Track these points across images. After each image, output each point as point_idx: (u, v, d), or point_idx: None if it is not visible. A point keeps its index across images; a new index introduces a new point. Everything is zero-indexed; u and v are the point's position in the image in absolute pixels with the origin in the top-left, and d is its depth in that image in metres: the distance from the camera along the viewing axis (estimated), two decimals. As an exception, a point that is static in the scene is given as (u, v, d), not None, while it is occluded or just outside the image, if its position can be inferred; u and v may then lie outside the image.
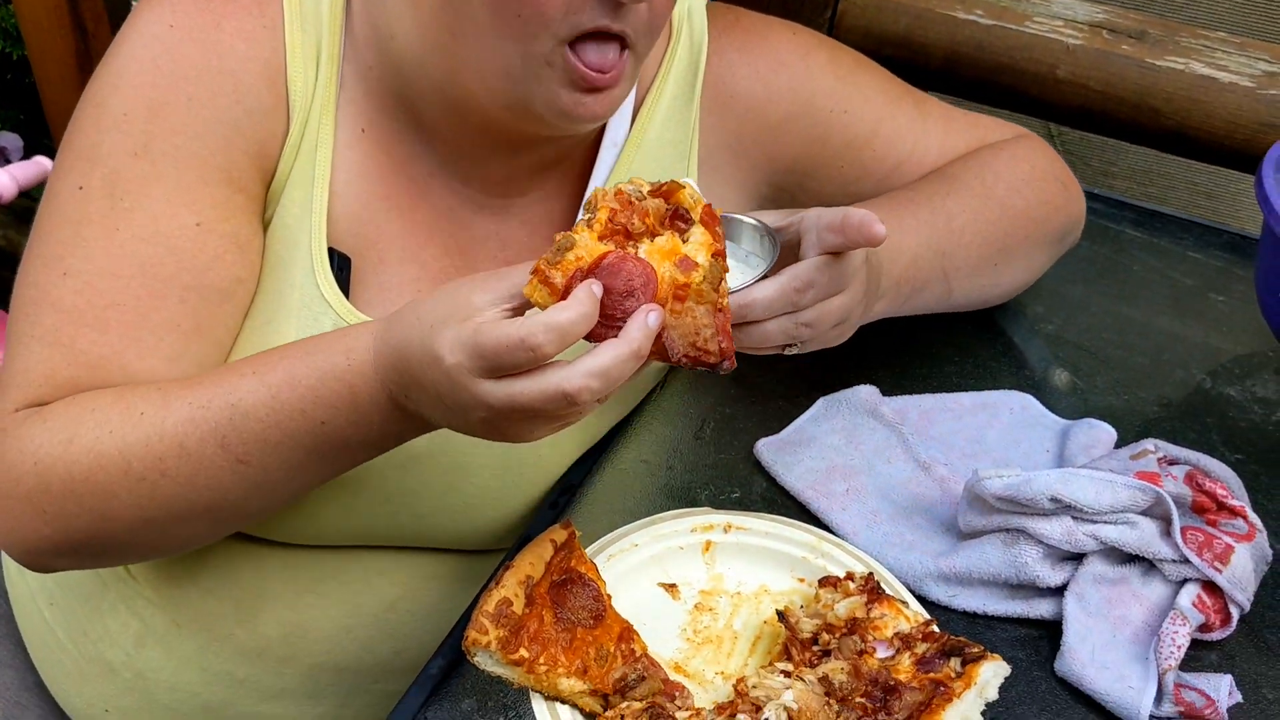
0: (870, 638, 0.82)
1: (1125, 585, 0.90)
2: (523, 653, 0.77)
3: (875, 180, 1.09)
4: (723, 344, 0.75)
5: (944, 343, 1.17)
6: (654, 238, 0.76)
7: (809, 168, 1.07)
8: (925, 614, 0.85)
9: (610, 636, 0.81)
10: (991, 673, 0.78)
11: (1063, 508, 0.88)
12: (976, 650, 0.79)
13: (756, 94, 1.04)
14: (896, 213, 1.02)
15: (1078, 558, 0.91)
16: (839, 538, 0.94)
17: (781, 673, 0.80)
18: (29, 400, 0.86)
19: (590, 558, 0.87)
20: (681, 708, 0.80)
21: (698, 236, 0.77)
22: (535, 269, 0.73)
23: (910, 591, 0.89)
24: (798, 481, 1.01)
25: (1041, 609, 0.91)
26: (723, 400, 1.11)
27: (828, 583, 0.87)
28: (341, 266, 0.92)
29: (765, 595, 0.90)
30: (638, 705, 0.78)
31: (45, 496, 0.83)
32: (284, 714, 1.05)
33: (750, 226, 0.90)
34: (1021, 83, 1.49)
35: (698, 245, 0.76)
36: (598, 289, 0.72)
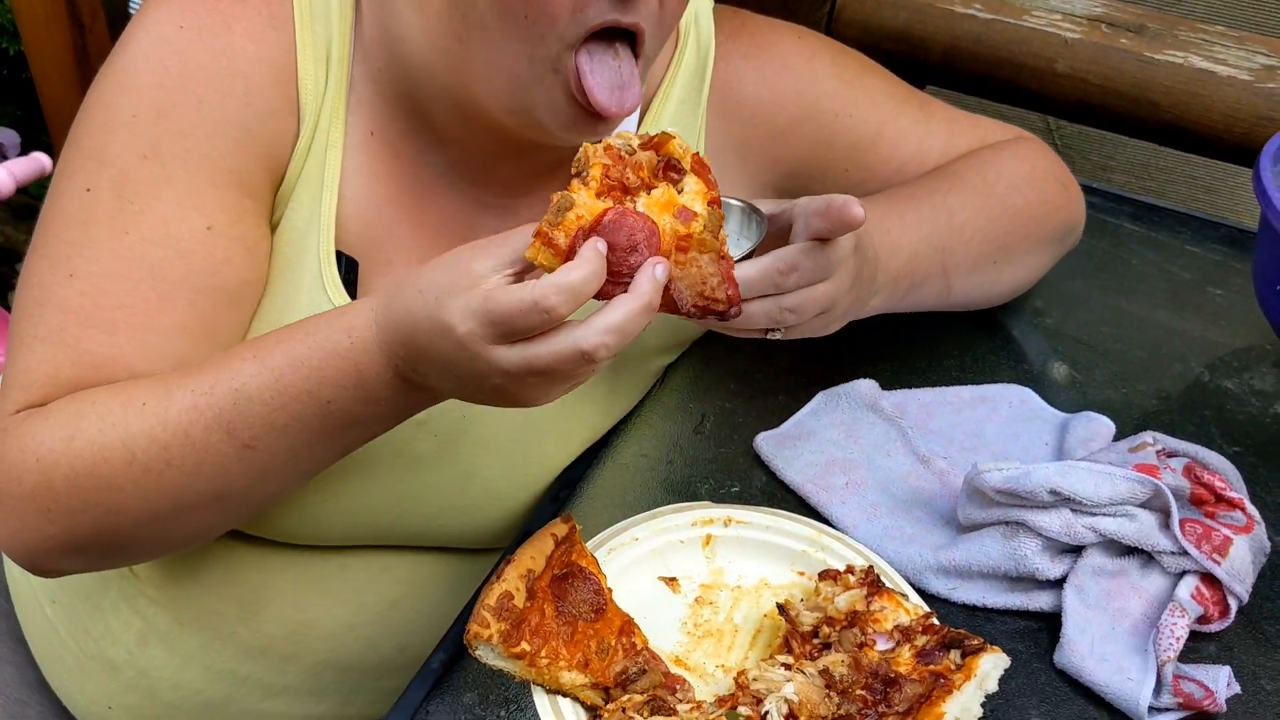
0: (870, 630, 0.82)
1: (1124, 577, 0.90)
2: (524, 646, 0.77)
3: (880, 182, 1.10)
4: (729, 291, 0.75)
5: (943, 337, 1.18)
6: (650, 191, 0.75)
7: (814, 170, 1.08)
8: (925, 607, 0.85)
9: (611, 630, 0.82)
10: (991, 665, 0.79)
11: (1062, 500, 0.89)
12: (976, 642, 0.79)
13: (763, 98, 1.04)
14: (897, 208, 1.02)
15: (1077, 550, 0.91)
16: (839, 531, 0.94)
17: (782, 665, 0.80)
18: (31, 400, 0.85)
19: (591, 552, 0.87)
20: (682, 700, 0.80)
21: (692, 185, 0.77)
22: (538, 231, 0.72)
23: (910, 584, 0.89)
24: (797, 475, 1.01)
25: (1041, 601, 0.91)
26: (722, 395, 1.11)
27: (828, 576, 0.87)
28: (349, 269, 0.92)
29: (765, 589, 0.91)
30: (639, 698, 0.79)
31: (49, 494, 0.83)
32: (286, 711, 1.05)
33: (737, 208, 0.90)
34: (1020, 77, 1.49)
35: (694, 194, 0.76)
36: (602, 246, 0.72)
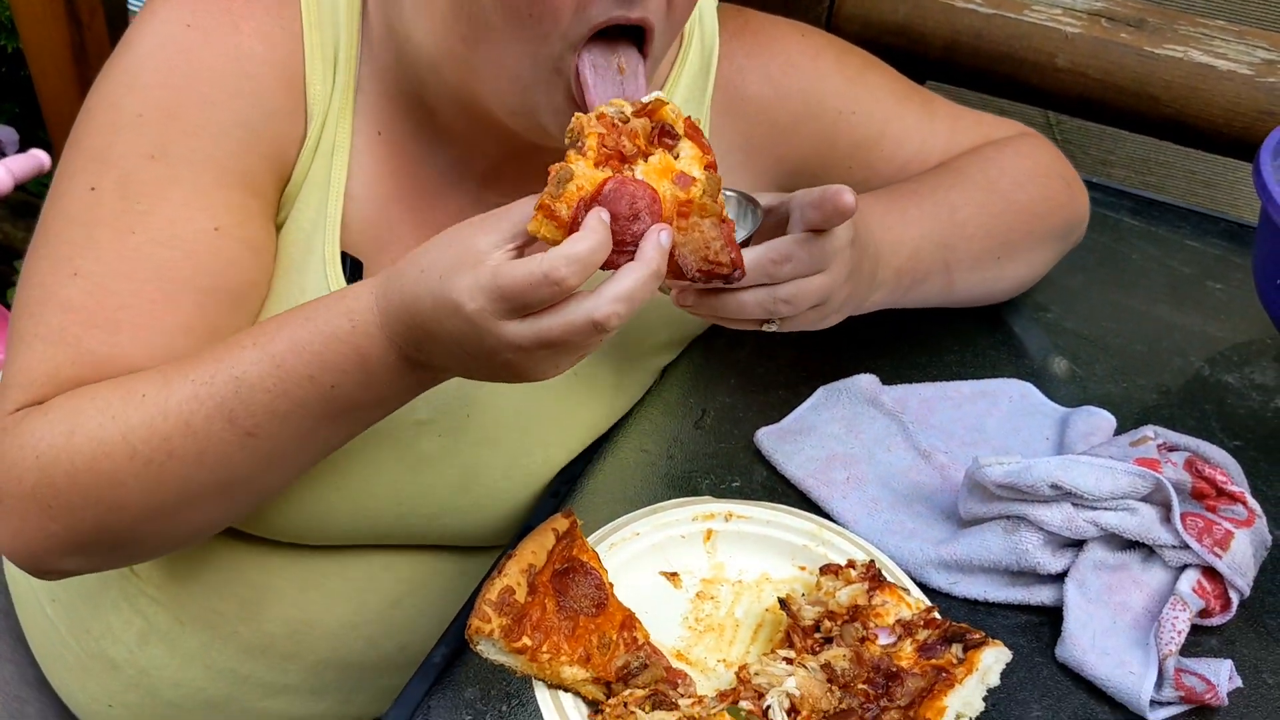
0: (872, 624, 0.82)
1: (1125, 571, 0.90)
2: (525, 641, 0.77)
3: (883, 179, 1.10)
4: (732, 254, 0.76)
5: (944, 331, 1.17)
6: (647, 158, 0.75)
7: (818, 168, 1.07)
8: (926, 601, 0.85)
9: (612, 625, 0.82)
10: (993, 659, 0.79)
11: (1063, 494, 0.89)
12: (978, 637, 0.79)
13: (767, 96, 1.04)
14: (900, 204, 1.02)
15: (1078, 544, 0.91)
16: (840, 526, 0.94)
17: (784, 660, 0.80)
18: (30, 399, 0.85)
19: (592, 546, 0.87)
20: (684, 695, 0.80)
21: (688, 151, 0.77)
22: (539, 204, 0.72)
23: (911, 579, 0.89)
24: (798, 470, 1.01)
25: (1042, 595, 0.91)
26: (723, 390, 1.11)
27: (829, 570, 0.87)
28: (353, 270, 0.92)
29: (767, 583, 0.91)
30: (640, 693, 0.79)
31: (49, 491, 0.82)
32: (287, 709, 1.05)
33: (733, 199, 0.90)
34: (1020, 71, 1.49)
35: (690, 160, 0.76)
36: (606, 216, 0.72)
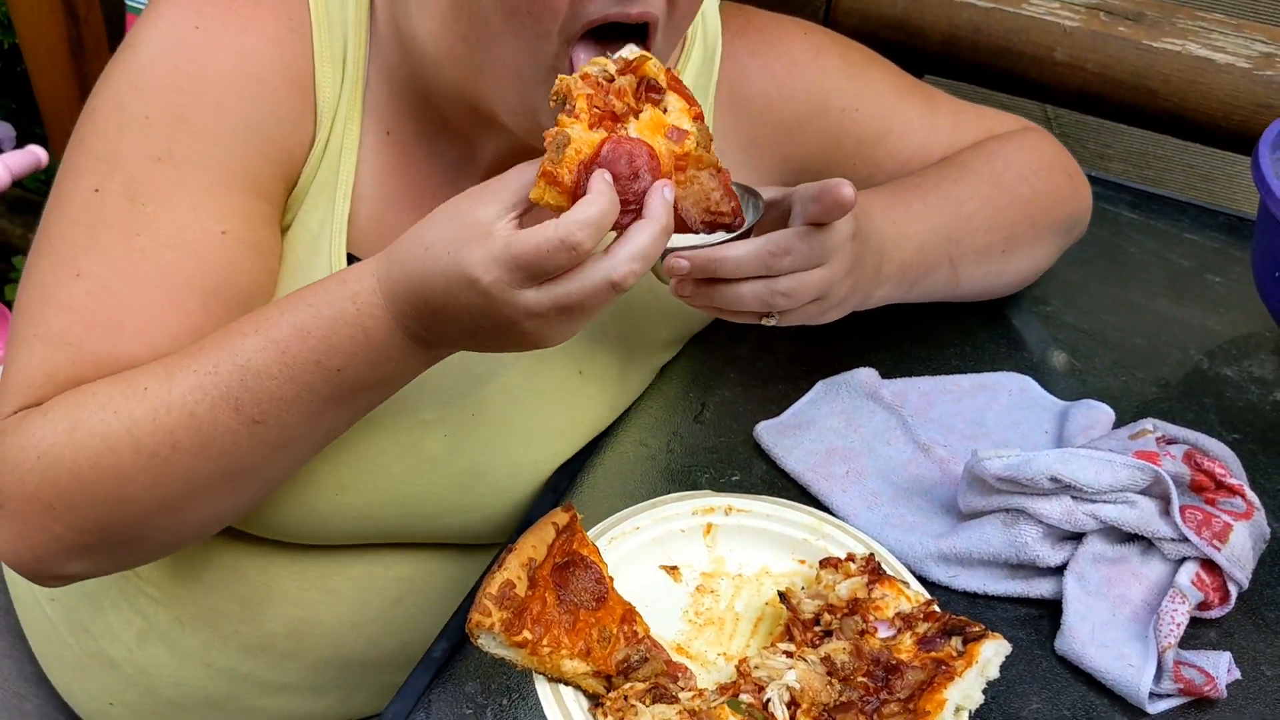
0: (872, 618, 0.82)
1: (1125, 564, 0.90)
2: (526, 634, 0.77)
3: (887, 175, 1.10)
4: (732, 203, 0.77)
5: (943, 325, 1.18)
6: (637, 115, 0.76)
7: (822, 166, 1.07)
8: (926, 594, 0.85)
9: (613, 618, 0.82)
10: (992, 651, 0.79)
11: (1062, 488, 0.89)
12: (977, 629, 0.80)
13: (771, 95, 1.04)
14: (904, 199, 1.02)
15: (1077, 537, 0.91)
16: (839, 519, 0.94)
17: (784, 653, 0.80)
18: (28, 401, 0.84)
19: (592, 540, 0.87)
20: (684, 688, 0.80)
21: (675, 104, 0.77)
22: (542, 172, 0.72)
23: (911, 572, 0.89)
24: (798, 464, 1.01)
25: (1042, 588, 0.91)
26: (722, 384, 1.11)
27: (829, 564, 0.87)
28: None
29: (766, 577, 0.91)
30: (640, 686, 0.79)
31: (52, 491, 0.81)
32: (288, 707, 1.05)
33: (737, 190, 0.90)
34: (1019, 65, 1.49)
35: (679, 113, 0.77)
36: (608, 178, 0.72)
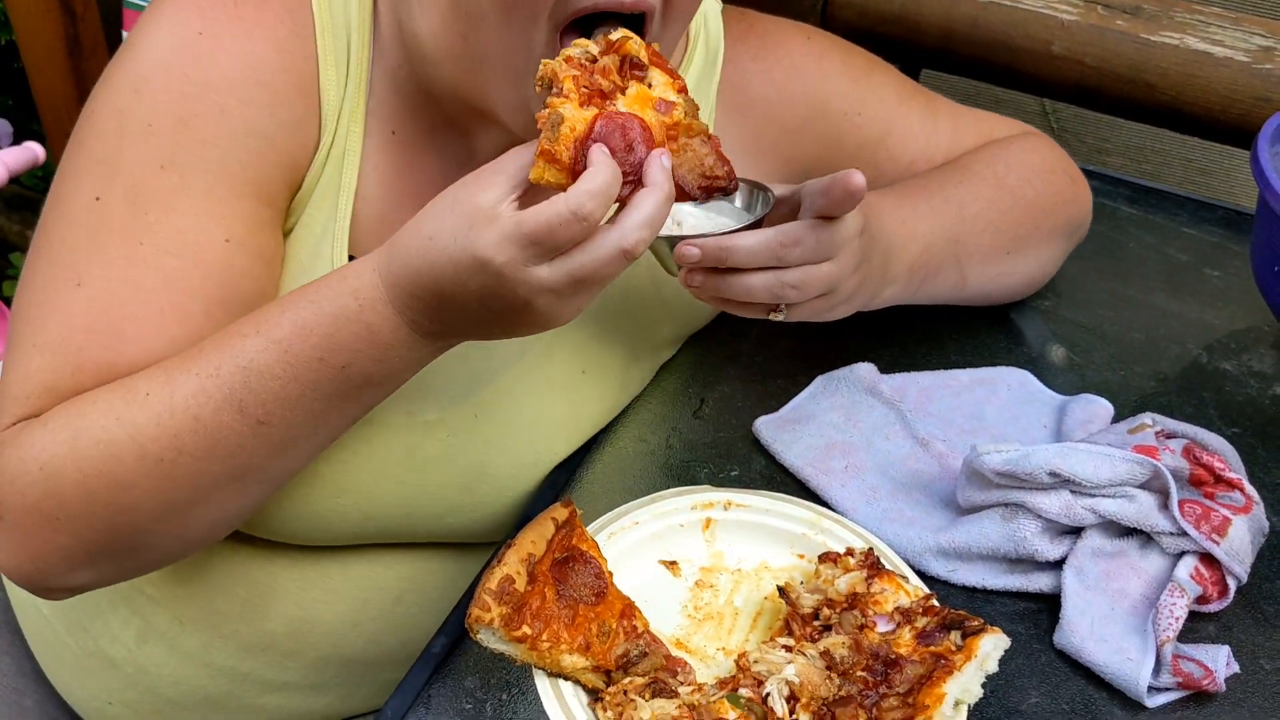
0: (871, 612, 0.82)
1: (1123, 558, 0.90)
2: (525, 629, 0.77)
3: (889, 179, 1.10)
4: (726, 167, 0.78)
5: (942, 321, 1.17)
6: (624, 92, 0.78)
7: (824, 169, 1.07)
8: (925, 588, 0.85)
9: (612, 613, 0.82)
10: (991, 645, 0.79)
11: (1061, 482, 0.89)
12: (976, 624, 0.80)
13: (772, 99, 1.05)
14: (910, 200, 1.03)
15: (1076, 531, 0.91)
16: (838, 514, 0.94)
17: (783, 647, 0.80)
18: (28, 411, 0.83)
19: (591, 535, 0.87)
20: (683, 683, 0.80)
21: (658, 79, 0.79)
22: (540, 151, 0.74)
23: (910, 566, 0.89)
24: (797, 459, 1.01)
25: (1040, 583, 0.91)
26: (721, 379, 1.11)
27: (828, 558, 0.87)
28: None
29: (765, 571, 0.91)
30: (640, 681, 0.79)
31: (56, 501, 0.80)
32: (288, 705, 1.05)
33: (745, 185, 0.91)
34: (1016, 59, 1.49)
35: (663, 86, 0.79)
36: (605, 150, 0.73)
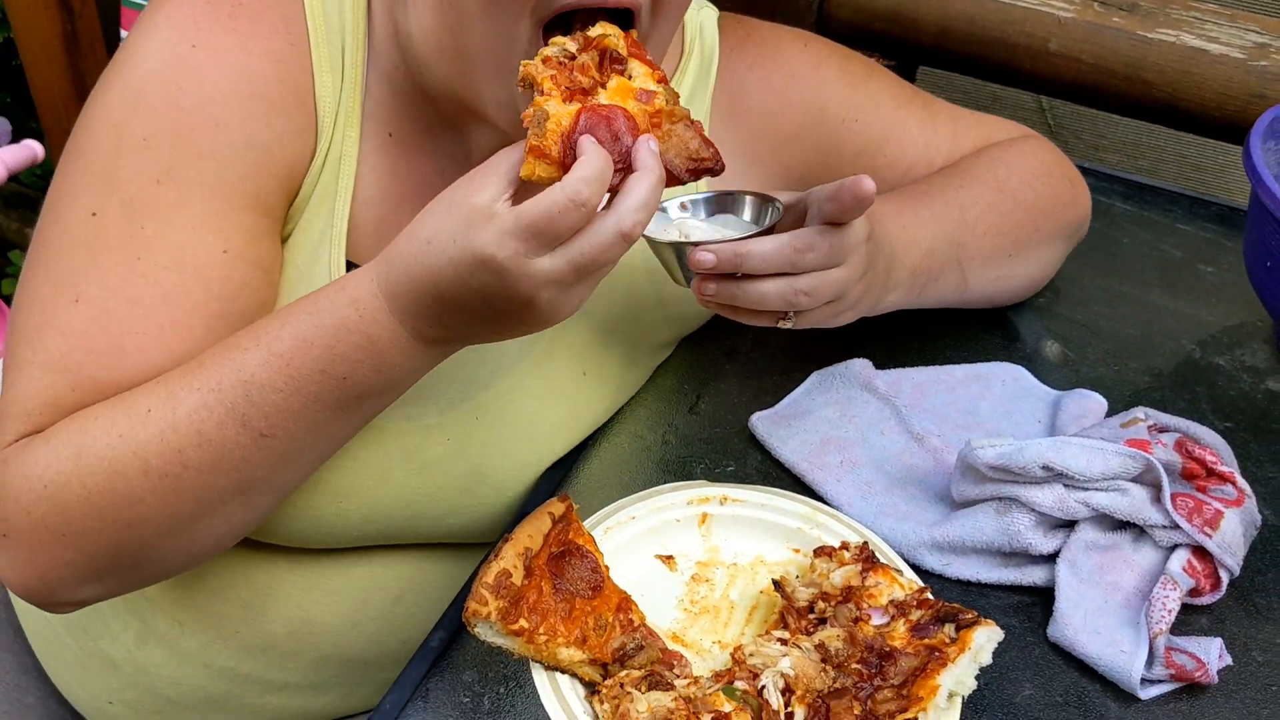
0: (865, 605, 0.83)
1: (1116, 551, 0.91)
2: (522, 623, 0.77)
3: (887, 185, 1.11)
4: (710, 148, 0.80)
5: (937, 317, 1.18)
6: (604, 86, 0.79)
7: (823, 175, 1.08)
8: (919, 582, 0.86)
9: (609, 607, 0.82)
10: (985, 638, 0.79)
11: (1054, 476, 0.89)
12: (970, 616, 0.80)
13: (769, 106, 1.05)
14: (911, 205, 1.03)
15: (1069, 525, 0.92)
16: (833, 508, 0.95)
17: (778, 641, 0.81)
18: (29, 429, 0.83)
19: (588, 530, 0.87)
20: (679, 676, 0.80)
21: (638, 70, 0.81)
22: (529, 148, 0.75)
23: (904, 560, 0.90)
24: (792, 454, 1.02)
25: (1034, 576, 0.92)
26: (717, 375, 1.12)
27: (823, 553, 0.87)
28: None
29: (761, 566, 0.91)
30: (636, 674, 0.79)
31: (62, 518, 0.80)
32: (288, 704, 1.05)
33: (750, 199, 0.92)
34: (1013, 57, 1.49)
35: (643, 77, 0.80)
36: (594, 141, 0.74)
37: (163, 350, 0.83)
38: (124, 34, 1.67)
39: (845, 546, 0.87)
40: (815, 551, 0.88)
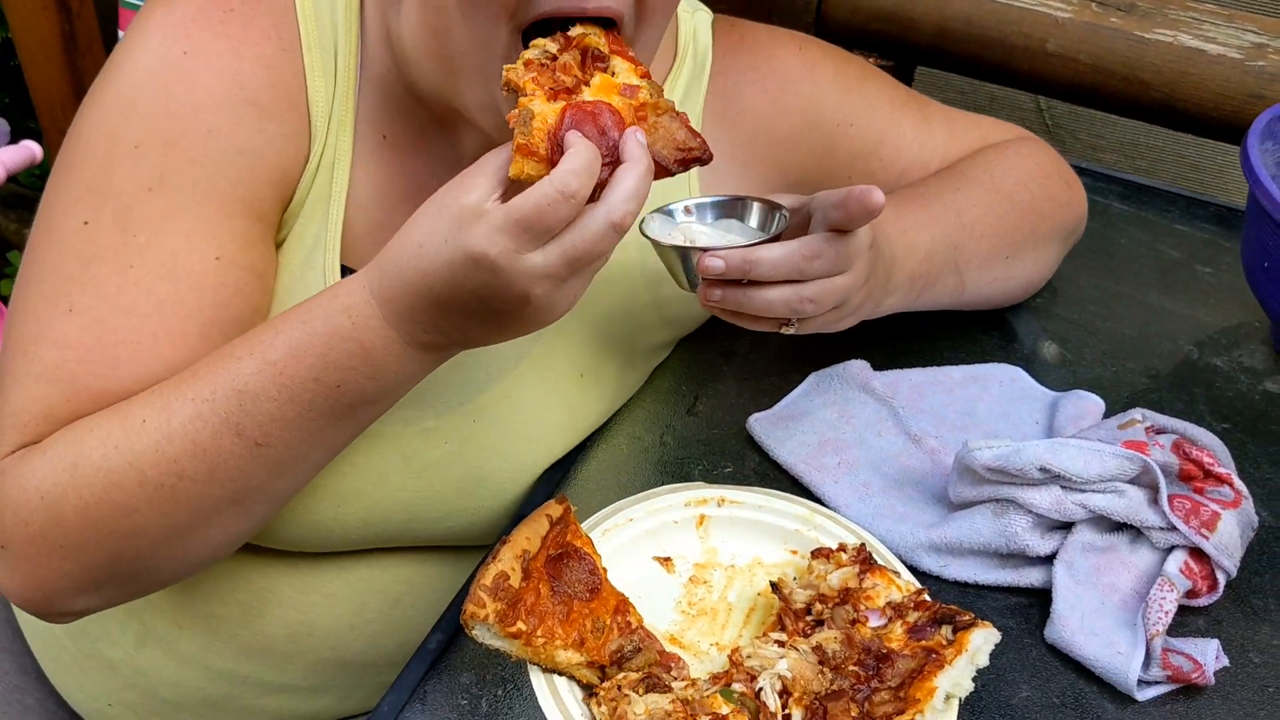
0: (863, 607, 0.83)
1: (1113, 553, 0.91)
2: (520, 625, 0.77)
3: (883, 188, 1.09)
4: (697, 138, 0.80)
5: (935, 318, 1.18)
6: (587, 84, 0.79)
7: (818, 179, 1.08)
8: (917, 583, 0.86)
9: (606, 609, 0.82)
10: (982, 640, 0.79)
11: (1052, 477, 0.89)
12: (967, 618, 0.80)
13: (764, 110, 1.05)
14: (909, 209, 1.03)
15: (1066, 526, 0.92)
16: (831, 510, 0.95)
17: (776, 642, 0.81)
18: (25, 440, 0.83)
19: (586, 532, 0.87)
20: (677, 678, 0.81)
21: (621, 66, 0.81)
22: (516, 146, 0.75)
23: (902, 562, 0.90)
24: (790, 456, 1.02)
25: (1031, 577, 0.92)
26: (715, 376, 1.12)
27: (820, 554, 0.88)
28: None
29: (759, 567, 0.91)
30: (634, 676, 0.79)
31: (59, 529, 0.80)
32: (287, 706, 1.06)
33: (757, 205, 0.92)
34: (1011, 57, 1.49)
35: (626, 73, 0.81)
36: (581, 135, 0.74)
37: (157, 359, 0.83)
38: (121, 34, 1.67)
39: (843, 548, 0.88)
40: (813, 553, 0.88)
